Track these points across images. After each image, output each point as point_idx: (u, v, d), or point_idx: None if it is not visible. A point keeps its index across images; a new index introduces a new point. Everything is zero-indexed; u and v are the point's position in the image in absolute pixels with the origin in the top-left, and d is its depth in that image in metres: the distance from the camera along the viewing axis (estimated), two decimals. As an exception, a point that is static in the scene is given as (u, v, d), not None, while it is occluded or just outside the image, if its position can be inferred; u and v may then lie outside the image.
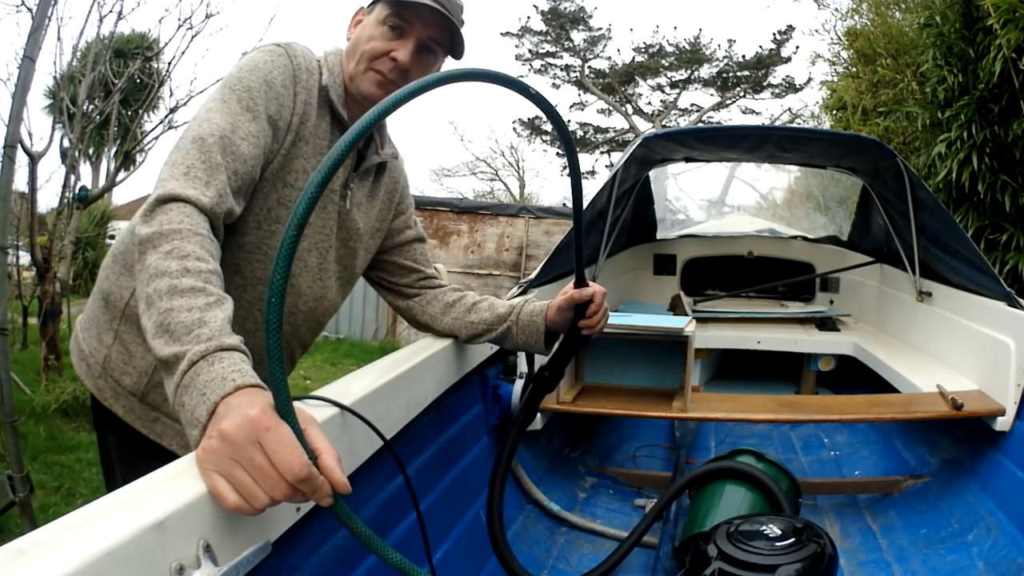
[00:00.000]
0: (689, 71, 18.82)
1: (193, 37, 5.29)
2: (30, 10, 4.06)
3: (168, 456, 1.14)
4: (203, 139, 1.00)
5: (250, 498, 0.67)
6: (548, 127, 20.03)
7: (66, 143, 4.95)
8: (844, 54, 7.54)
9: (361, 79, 1.20)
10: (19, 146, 2.89)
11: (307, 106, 1.17)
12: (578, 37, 19.07)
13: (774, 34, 18.06)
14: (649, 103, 19.71)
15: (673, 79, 19.08)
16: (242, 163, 1.03)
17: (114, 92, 5.15)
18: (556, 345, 1.43)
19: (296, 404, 0.73)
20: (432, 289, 1.44)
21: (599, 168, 20.19)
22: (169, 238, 0.87)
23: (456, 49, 1.25)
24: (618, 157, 8.68)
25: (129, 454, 1.20)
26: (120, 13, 5.02)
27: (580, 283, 1.32)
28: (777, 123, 17.26)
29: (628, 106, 19.62)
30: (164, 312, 0.79)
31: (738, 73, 18.60)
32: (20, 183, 4.58)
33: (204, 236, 0.90)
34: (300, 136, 1.16)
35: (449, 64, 1.29)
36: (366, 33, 1.20)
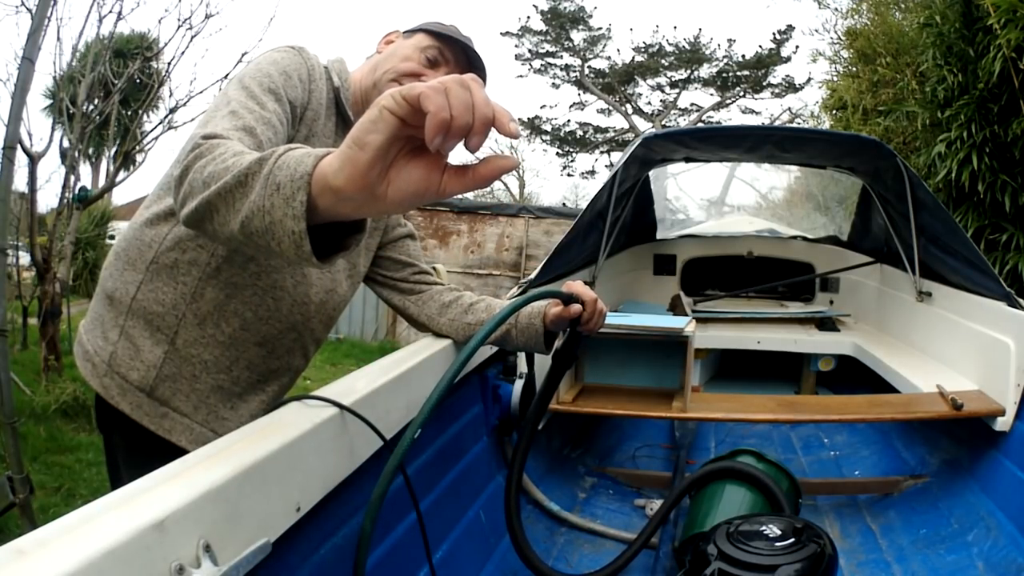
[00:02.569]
0: (689, 71, 18.82)
1: (193, 37, 5.30)
2: (30, 11, 4.07)
3: (177, 455, 1.15)
4: (235, 112, 0.99)
5: (447, 87, 0.59)
6: (547, 127, 20.05)
7: (66, 143, 4.95)
8: (844, 53, 7.55)
9: (386, 87, 1.25)
10: (19, 146, 2.89)
11: (319, 104, 1.20)
12: (578, 37, 19.08)
13: (774, 34, 18.08)
14: (649, 103, 19.74)
15: (673, 79, 19.08)
16: (274, 133, 1.04)
17: (114, 92, 5.15)
18: (558, 344, 1.43)
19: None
20: (428, 287, 1.45)
21: (599, 168, 20.22)
22: (214, 147, 0.84)
23: None
24: (618, 157, 8.68)
25: (136, 458, 1.19)
26: (120, 13, 5.03)
27: (567, 300, 1.31)
28: (777, 123, 17.26)
29: (628, 106, 19.62)
30: (234, 164, 0.76)
31: (738, 73, 18.59)
32: (20, 183, 4.59)
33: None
34: (312, 132, 1.19)
35: None
36: (402, 52, 1.26)
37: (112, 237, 9.57)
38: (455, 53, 1.27)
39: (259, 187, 0.71)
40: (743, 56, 18.39)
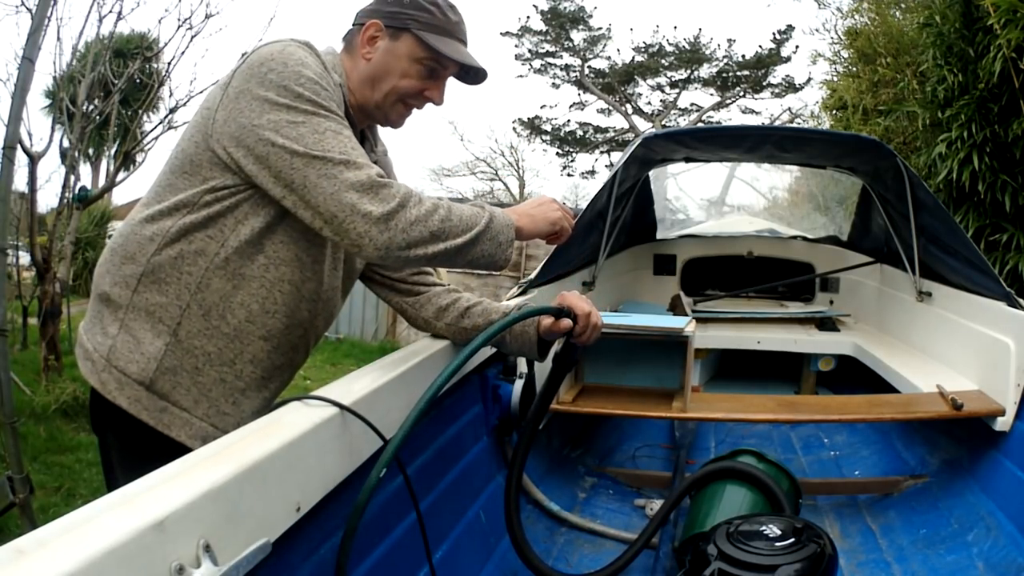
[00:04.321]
0: (689, 71, 18.80)
1: (193, 37, 5.30)
2: (30, 11, 4.06)
3: (171, 451, 1.13)
4: (343, 135, 1.11)
5: (570, 225, 1.31)
6: (547, 127, 20.04)
7: (66, 143, 4.95)
8: (844, 53, 7.54)
9: (391, 110, 1.27)
10: (19, 146, 2.89)
11: (336, 103, 1.20)
12: (578, 37, 19.06)
13: (774, 34, 18.03)
14: (649, 103, 19.71)
15: (673, 79, 19.07)
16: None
17: (114, 92, 5.15)
18: (557, 348, 1.44)
19: None
20: (427, 288, 1.44)
21: (599, 168, 20.19)
22: (411, 196, 1.12)
23: (465, 77, 1.32)
24: (618, 157, 8.67)
25: (131, 459, 1.17)
26: (120, 13, 5.03)
27: (558, 314, 1.33)
28: (777, 123, 17.25)
29: (628, 106, 19.60)
30: (459, 222, 1.15)
31: (738, 73, 18.58)
32: (20, 183, 4.58)
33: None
34: None
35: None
36: (399, 67, 1.23)
37: (112, 237, 9.55)
38: (453, 61, 1.24)
39: (488, 244, 1.18)
40: (743, 56, 18.38)
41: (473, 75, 1.31)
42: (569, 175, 23.11)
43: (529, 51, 19.50)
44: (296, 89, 1.08)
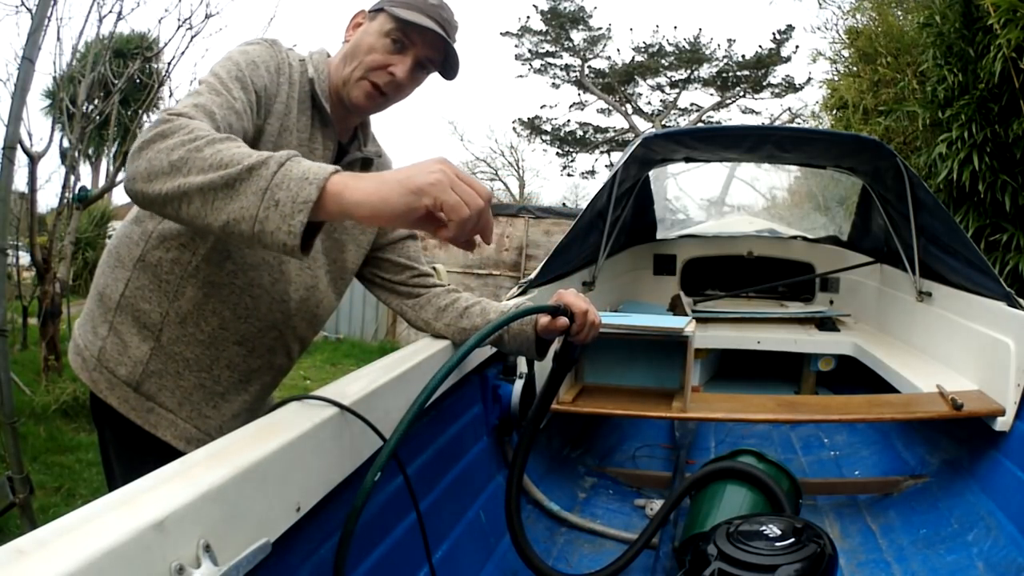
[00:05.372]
0: (689, 71, 18.81)
1: (193, 37, 5.29)
2: (30, 11, 4.06)
3: (163, 449, 1.16)
4: (199, 93, 1.02)
5: (470, 206, 0.80)
6: (547, 127, 20.04)
7: (66, 143, 4.95)
8: (845, 53, 7.54)
9: (354, 87, 1.22)
10: (19, 146, 2.89)
11: (290, 98, 1.19)
12: (578, 37, 19.07)
13: (774, 34, 18.05)
14: (649, 103, 19.72)
15: (673, 79, 19.07)
16: (236, 119, 1.05)
17: (114, 92, 5.15)
18: (556, 347, 1.44)
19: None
20: (427, 289, 1.44)
21: (599, 168, 20.20)
22: (180, 127, 0.88)
23: (448, 70, 1.28)
24: (618, 157, 8.68)
25: (126, 453, 1.21)
26: (120, 13, 5.03)
27: (555, 312, 1.31)
28: (777, 123, 17.24)
29: (628, 106, 19.60)
30: (212, 155, 0.83)
31: (738, 73, 18.58)
32: (20, 183, 4.59)
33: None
34: (285, 126, 1.18)
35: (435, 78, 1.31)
36: (367, 42, 1.22)
37: (111, 237, 9.55)
38: (422, 34, 1.21)
39: (252, 197, 0.80)
40: (743, 56, 18.38)
41: (450, 66, 1.27)
42: (569, 175, 23.15)
43: (529, 51, 19.51)
44: (218, 71, 1.08)
